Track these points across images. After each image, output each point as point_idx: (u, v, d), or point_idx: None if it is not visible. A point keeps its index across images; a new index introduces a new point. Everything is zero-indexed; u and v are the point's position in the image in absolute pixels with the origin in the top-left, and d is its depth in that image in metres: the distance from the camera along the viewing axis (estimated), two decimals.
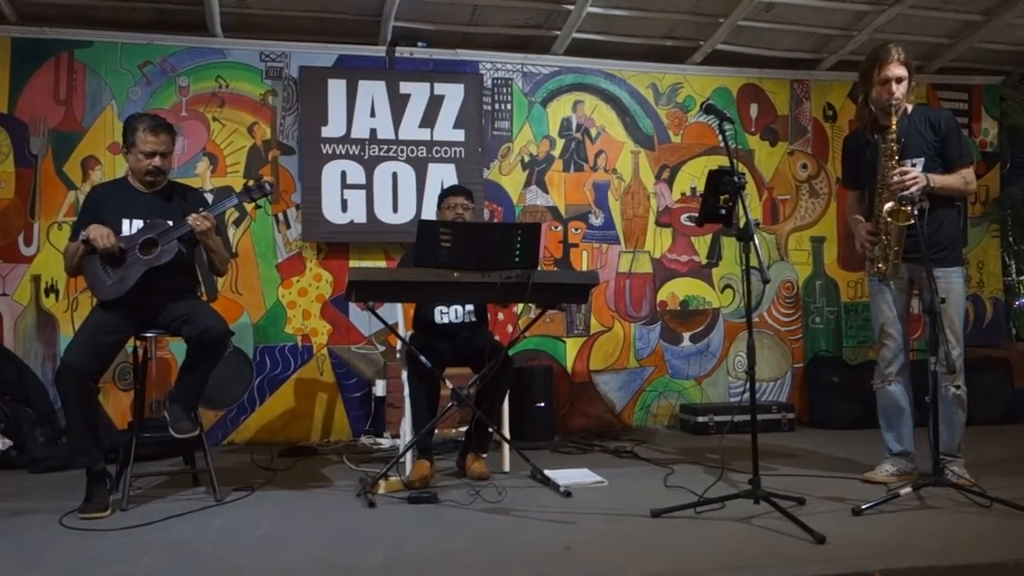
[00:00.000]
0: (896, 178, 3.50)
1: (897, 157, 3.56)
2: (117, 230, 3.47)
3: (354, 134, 5.28)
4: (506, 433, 4.10)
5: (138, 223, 3.52)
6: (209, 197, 4.63)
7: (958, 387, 3.58)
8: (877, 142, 3.67)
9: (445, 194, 4.28)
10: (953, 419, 3.57)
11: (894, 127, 3.56)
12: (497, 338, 4.42)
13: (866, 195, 3.78)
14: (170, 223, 3.50)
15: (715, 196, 3.34)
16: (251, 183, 3.81)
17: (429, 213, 5.17)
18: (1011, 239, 6.27)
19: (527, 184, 5.61)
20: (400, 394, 4.26)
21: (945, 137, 3.64)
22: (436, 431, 4.01)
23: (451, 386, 3.76)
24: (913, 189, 3.47)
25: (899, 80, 3.59)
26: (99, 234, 3.39)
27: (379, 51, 5.42)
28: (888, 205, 3.52)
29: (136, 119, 3.59)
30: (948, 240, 3.64)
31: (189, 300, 3.61)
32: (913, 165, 3.57)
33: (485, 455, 4.02)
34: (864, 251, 3.75)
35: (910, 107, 3.70)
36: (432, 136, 5.38)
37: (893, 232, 3.55)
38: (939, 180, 3.54)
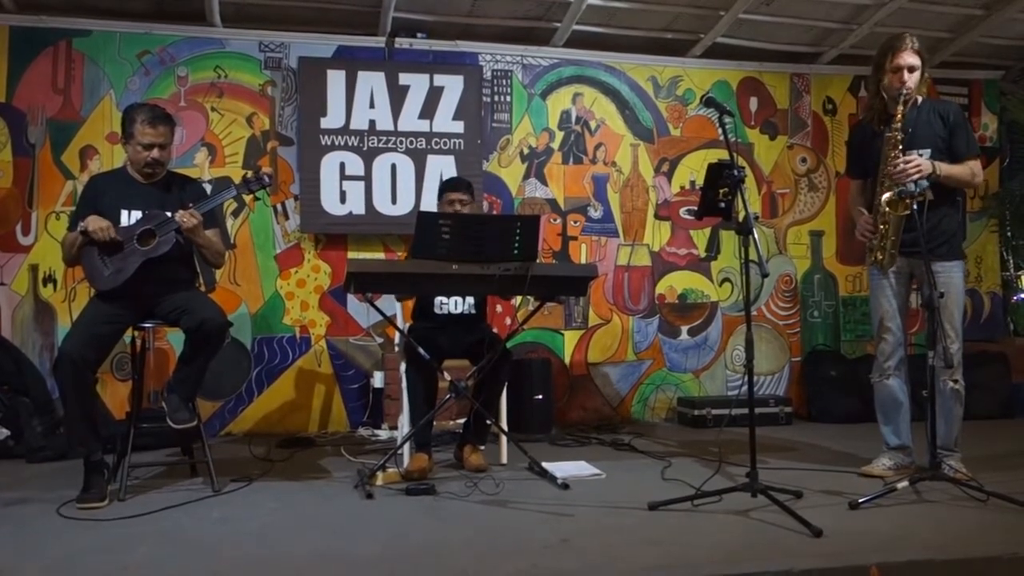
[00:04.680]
0: (900, 165, 3.49)
1: (901, 147, 3.55)
2: (116, 220, 3.46)
3: (353, 125, 5.26)
4: (504, 425, 4.10)
5: (137, 214, 3.51)
6: (208, 188, 4.62)
7: (956, 382, 3.58)
8: (884, 133, 3.65)
9: (444, 188, 4.27)
10: (951, 414, 3.57)
11: (898, 116, 3.55)
12: (495, 331, 4.42)
13: (869, 185, 3.77)
14: (168, 214, 3.48)
15: (714, 189, 3.34)
16: (250, 175, 3.80)
17: (428, 205, 5.16)
18: (1009, 234, 6.28)
19: (526, 176, 5.61)
20: (398, 386, 4.26)
21: (953, 129, 3.63)
22: (434, 423, 4.01)
23: (449, 378, 3.75)
24: (916, 177, 3.46)
25: (911, 69, 3.57)
26: (98, 226, 3.38)
27: (378, 42, 5.41)
28: (887, 195, 3.51)
29: (134, 110, 3.57)
30: (948, 234, 3.63)
31: (187, 291, 3.60)
32: (920, 155, 3.56)
33: (483, 447, 4.03)
34: (863, 240, 3.75)
35: (920, 99, 3.69)
36: (431, 128, 5.37)
37: (891, 222, 3.55)
38: (946, 168, 3.54)
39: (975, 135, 4.05)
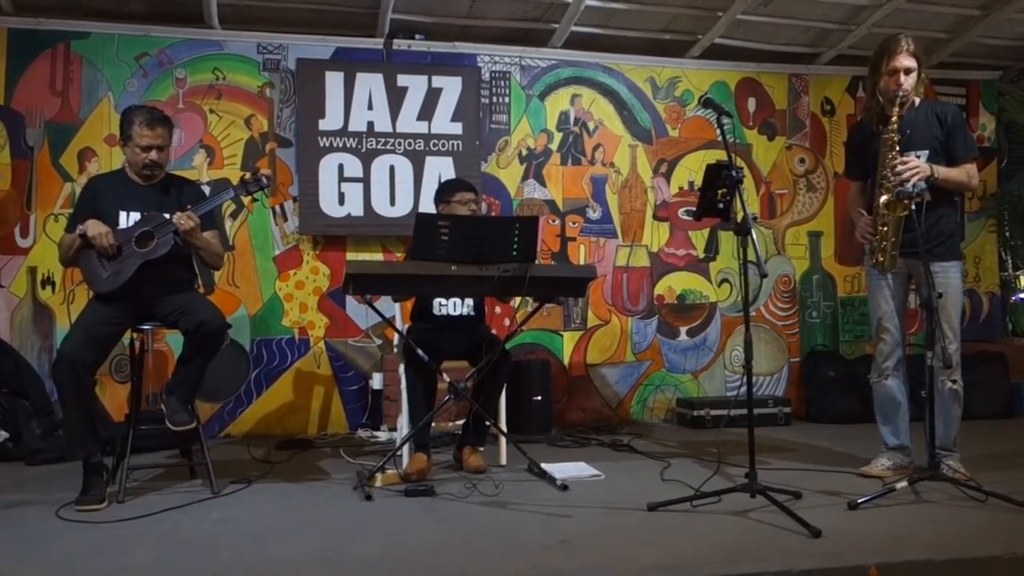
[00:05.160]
0: (898, 168, 3.50)
1: (898, 148, 3.55)
2: (114, 222, 3.47)
3: (351, 127, 5.27)
4: (503, 427, 4.10)
5: (135, 215, 3.51)
6: (207, 190, 4.62)
7: (954, 382, 3.58)
8: (881, 134, 3.65)
9: (455, 188, 4.18)
10: (949, 414, 3.58)
11: (894, 118, 3.55)
12: (495, 332, 4.42)
13: (869, 186, 3.77)
14: (167, 216, 3.48)
15: (713, 190, 3.34)
16: (248, 176, 3.80)
17: (426, 206, 5.15)
18: (1008, 234, 6.29)
19: (525, 177, 5.61)
20: (397, 387, 4.26)
21: (951, 131, 3.63)
22: (433, 424, 4.00)
23: (448, 380, 3.75)
24: (915, 179, 3.46)
25: (907, 71, 3.58)
26: (97, 231, 3.38)
27: (377, 43, 5.41)
28: (884, 197, 3.52)
29: (132, 112, 3.57)
30: (946, 235, 3.64)
31: (186, 292, 3.60)
32: (918, 156, 3.56)
33: (482, 448, 4.03)
34: (863, 242, 3.75)
35: (918, 100, 3.70)
36: (430, 129, 5.37)
37: (890, 223, 3.55)
38: (943, 172, 3.54)
39: (973, 136, 4.05)
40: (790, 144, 6.03)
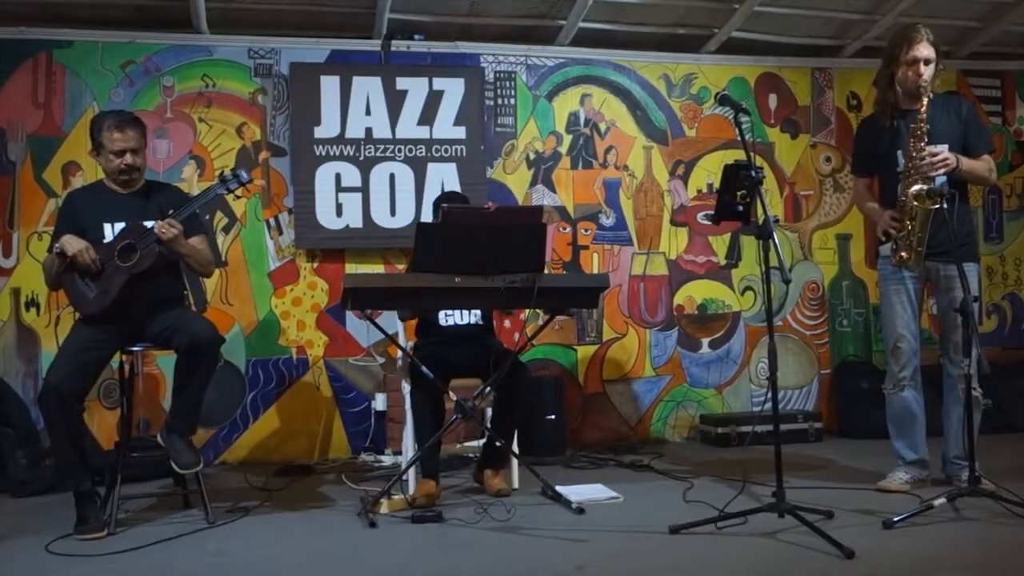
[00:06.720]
0: (927, 159, 3.54)
1: (926, 139, 3.60)
2: (99, 235, 3.51)
3: (349, 134, 5.31)
4: (514, 447, 4.10)
5: (120, 225, 3.55)
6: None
7: (975, 389, 3.59)
8: (897, 127, 3.72)
9: (440, 200, 4.32)
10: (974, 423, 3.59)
11: (924, 108, 3.59)
12: (505, 347, 4.43)
13: (875, 183, 3.83)
14: (150, 224, 3.52)
15: (731, 192, 3.36)
16: (227, 172, 3.82)
17: (429, 215, 5.19)
18: None
19: (533, 183, 5.64)
20: (401, 408, 4.28)
21: (967, 124, 3.72)
22: (441, 447, 4.01)
23: (455, 398, 3.77)
24: (943, 171, 3.53)
25: (927, 61, 3.66)
26: (77, 248, 3.42)
27: (374, 45, 5.46)
28: (915, 188, 3.55)
29: (100, 118, 3.64)
30: (965, 234, 3.68)
31: (176, 309, 3.65)
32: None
33: (504, 469, 4.03)
34: (884, 239, 3.78)
35: (931, 94, 3.74)
36: (431, 134, 5.41)
37: (919, 217, 3.58)
38: (967, 163, 3.62)
39: (1007, 130, 4.10)
40: (815, 142, 6.04)
